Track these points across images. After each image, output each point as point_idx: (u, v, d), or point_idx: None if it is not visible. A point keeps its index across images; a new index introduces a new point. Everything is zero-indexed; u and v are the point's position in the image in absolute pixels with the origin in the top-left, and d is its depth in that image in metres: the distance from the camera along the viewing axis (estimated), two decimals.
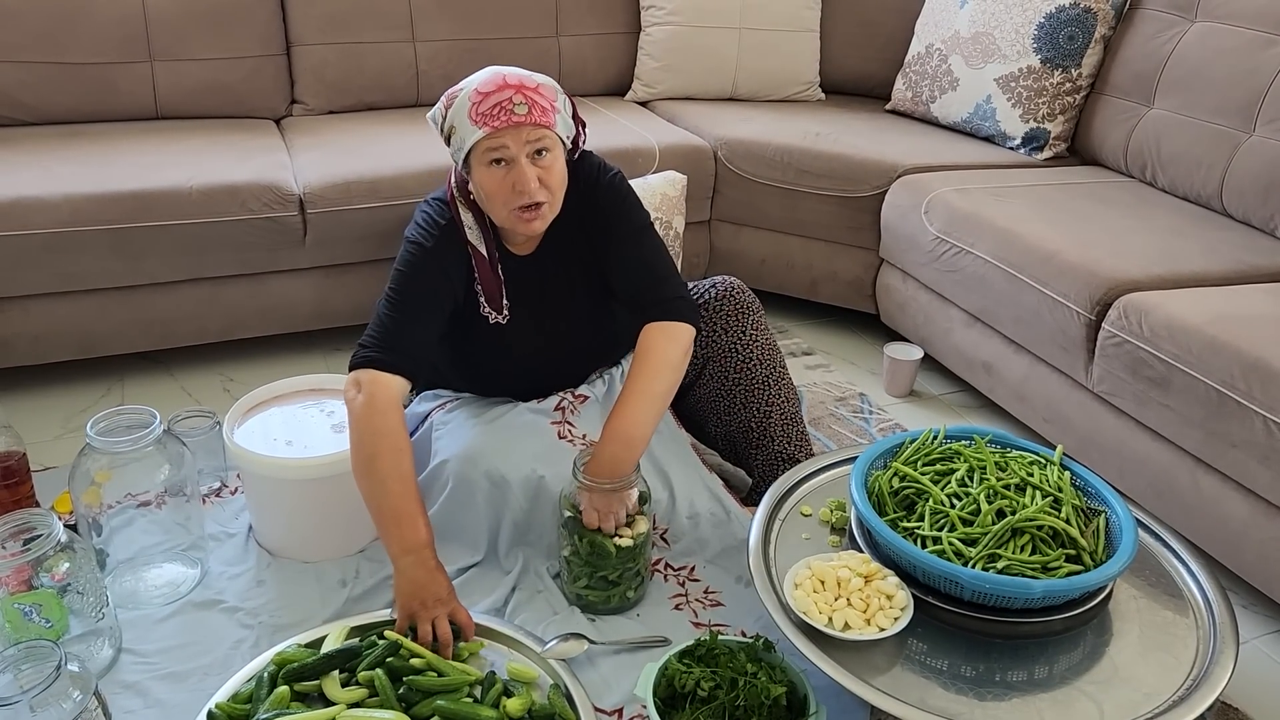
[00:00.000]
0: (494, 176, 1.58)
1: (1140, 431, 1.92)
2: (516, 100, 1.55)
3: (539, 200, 1.59)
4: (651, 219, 1.80)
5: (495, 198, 1.60)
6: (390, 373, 1.60)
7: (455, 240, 1.68)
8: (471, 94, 1.57)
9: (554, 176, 1.61)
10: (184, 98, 2.65)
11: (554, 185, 1.61)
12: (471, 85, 1.58)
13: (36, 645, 1.29)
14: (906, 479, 1.55)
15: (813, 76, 3.12)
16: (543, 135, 1.58)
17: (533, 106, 1.56)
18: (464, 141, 1.58)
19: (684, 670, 1.41)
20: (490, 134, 1.55)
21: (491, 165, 1.58)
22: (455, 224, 1.69)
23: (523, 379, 1.81)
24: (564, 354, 1.82)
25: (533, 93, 1.57)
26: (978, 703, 1.31)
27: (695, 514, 1.80)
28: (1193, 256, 2.11)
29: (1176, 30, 2.54)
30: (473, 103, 1.56)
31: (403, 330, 1.63)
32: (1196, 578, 1.52)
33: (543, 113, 1.57)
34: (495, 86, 1.56)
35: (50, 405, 2.26)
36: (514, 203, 1.59)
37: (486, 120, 1.55)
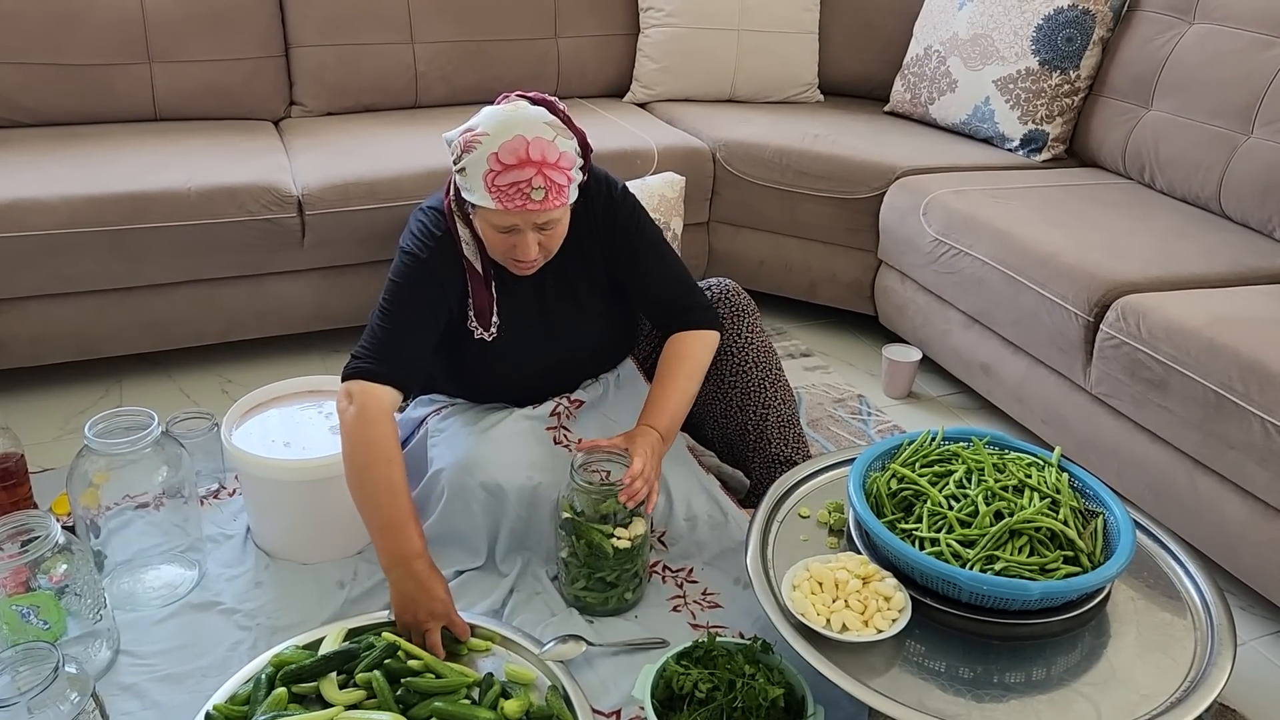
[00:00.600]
0: (496, 235, 1.58)
1: (1138, 433, 1.92)
2: (536, 184, 1.50)
3: (535, 260, 1.60)
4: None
5: (493, 247, 1.62)
6: (382, 384, 1.60)
7: (451, 252, 1.67)
8: (491, 159, 1.50)
9: (554, 240, 1.61)
10: (182, 99, 2.65)
11: (553, 247, 1.62)
12: (493, 145, 1.50)
13: (34, 647, 1.28)
14: (905, 480, 1.55)
15: (811, 78, 3.13)
16: (553, 214, 1.56)
17: (549, 189, 1.51)
18: (472, 193, 1.54)
19: (682, 672, 1.41)
20: (502, 212, 1.53)
21: (495, 229, 1.57)
22: (451, 236, 1.67)
23: (516, 389, 1.80)
24: (558, 364, 1.81)
25: (553, 170, 1.51)
26: (975, 704, 1.31)
27: (693, 516, 1.80)
28: (1191, 258, 2.11)
29: (1175, 32, 2.54)
30: (490, 168, 1.50)
31: (395, 341, 1.63)
32: (1194, 579, 1.52)
33: (558, 194, 1.53)
34: (517, 160, 1.49)
35: (48, 407, 2.26)
36: (510, 255, 1.61)
37: (501, 199, 1.51)
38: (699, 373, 1.76)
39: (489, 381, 1.79)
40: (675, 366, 1.74)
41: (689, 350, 1.76)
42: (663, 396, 1.72)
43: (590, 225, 1.73)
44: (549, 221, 1.56)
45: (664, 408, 1.71)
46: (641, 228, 1.77)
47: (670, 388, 1.73)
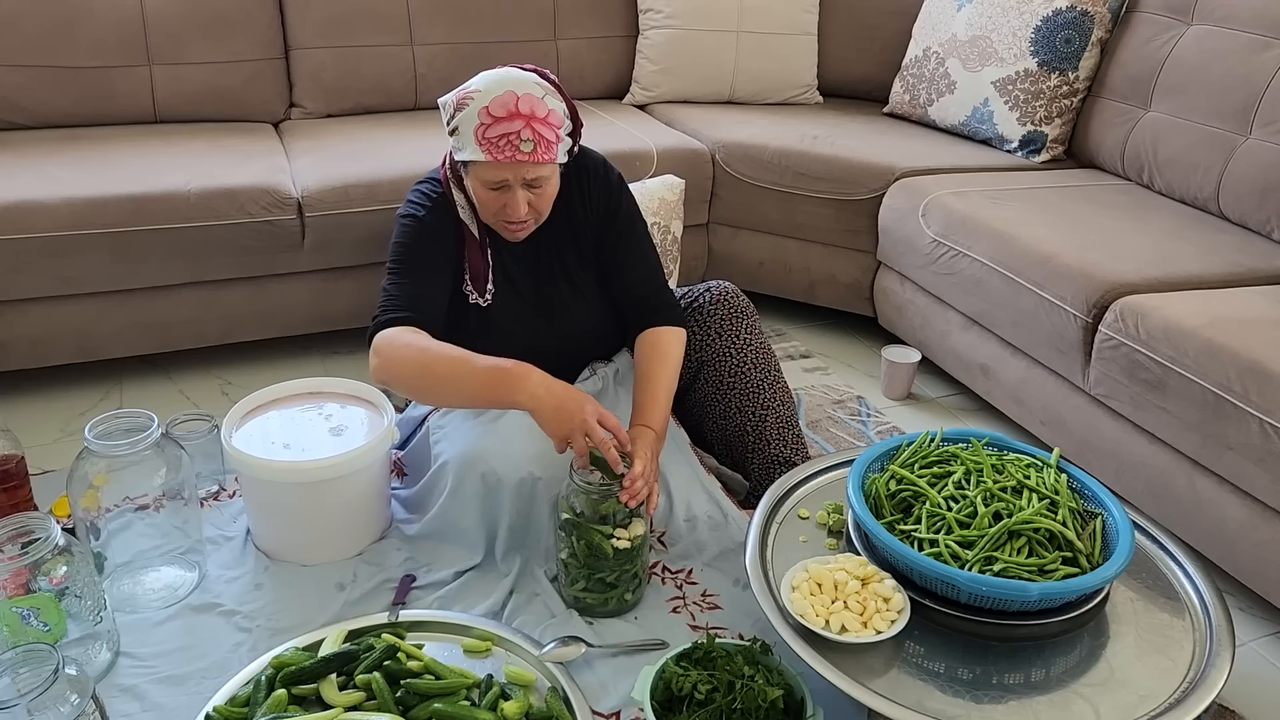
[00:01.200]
0: (487, 194, 1.63)
1: (1137, 434, 1.92)
2: (524, 135, 1.55)
3: (525, 220, 1.65)
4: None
5: (485, 208, 1.67)
6: (406, 325, 1.63)
7: (448, 214, 1.72)
8: (481, 112, 1.56)
9: (544, 201, 1.66)
10: (182, 101, 2.65)
11: (543, 208, 1.67)
12: (484, 100, 1.57)
13: (34, 649, 1.29)
14: (903, 482, 1.56)
15: (810, 80, 3.13)
16: (542, 169, 1.61)
17: (538, 143, 1.57)
18: (463, 150, 1.60)
19: (681, 673, 1.41)
20: (491, 163, 1.58)
21: (486, 186, 1.62)
22: (448, 199, 1.72)
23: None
24: (554, 341, 1.82)
25: (541, 124, 1.57)
26: (975, 705, 1.31)
27: (693, 517, 1.80)
28: (1189, 259, 2.11)
29: (1173, 33, 2.54)
30: (481, 122, 1.56)
31: (408, 292, 1.67)
32: (1193, 580, 1.52)
33: (546, 148, 1.58)
34: (506, 112, 1.55)
35: (48, 409, 2.26)
36: (501, 216, 1.65)
37: (490, 150, 1.56)
38: (679, 368, 1.78)
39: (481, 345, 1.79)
40: (659, 364, 1.75)
41: (667, 346, 1.78)
42: (652, 395, 1.73)
43: (585, 205, 1.78)
44: (538, 178, 1.60)
45: (655, 406, 1.72)
46: (632, 219, 1.83)
47: (658, 385, 1.74)
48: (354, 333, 2.58)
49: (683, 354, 1.80)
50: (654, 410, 1.71)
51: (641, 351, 1.79)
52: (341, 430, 1.78)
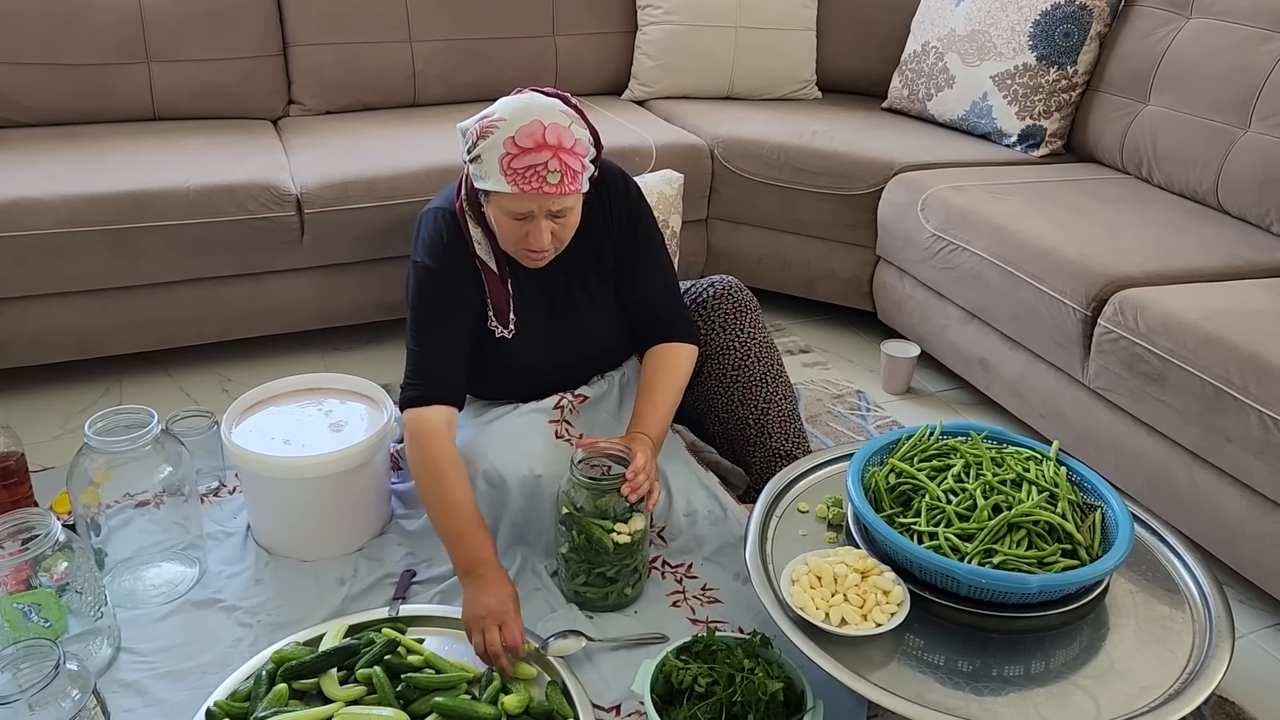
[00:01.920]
0: (510, 224, 1.59)
1: (1136, 427, 1.92)
2: (552, 167, 1.51)
3: (547, 250, 1.62)
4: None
5: (505, 237, 1.63)
6: (428, 405, 1.63)
7: (463, 256, 1.67)
8: (507, 142, 1.51)
9: (567, 230, 1.63)
10: (181, 99, 2.65)
11: (565, 237, 1.64)
12: (509, 130, 1.51)
13: (35, 644, 1.29)
14: (903, 475, 1.56)
15: (809, 75, 3.13)
16: (567, 200, 1.57)
17: (565, 173, 1.52)
18: (486, 179, 1.55)
19: (681, 667, 1.42)
20: (518, 195, 1.53)
21: (509, 216, 1.58)
22: (462, 237, 1.67)
23: (527, 385, 1.81)
24: (570, 361, 1.82)
25: (568, 155, 1.52)
26: (975, 698, 1.31)
27: (692, 511, 1.81)
28: (1188, 252, 2.11)
29: (1172, 27, 2.54)
30: (507, 152, 1.51)
31: (431, 360, 1.66)
32: (1193, 572, 1.52)
33: (573, 179, 1.54)
34: (533, 144, 1.50)
35: (48, 405, 2.26)
36: (523, 246, 1.61)
37: (517, 181, 1.52)
38: (685, 383, 1.79)
39: (503, 377, 1.80)
40: (666, 378, 1.76)
41: (676, 362, 1.78)
42: (654, 405, 1.73)
43: (605, 219, 1.74)
44: (562, 209, 1.57)
45: (655, 418, 1.72)
46: (651, 233, 1.80)
47: (660, 397, 1.74)
48: (353, 329, 2.58)
49: (691, 370, 1.80)
50: (653, 420, 1.71)
51: (650, 363, 1.78)
52: (341, 426, 1.79)
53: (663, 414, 1.73)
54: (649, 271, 1.80)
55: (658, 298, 1.81)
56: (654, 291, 1.81)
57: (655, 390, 1.75)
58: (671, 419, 1.76)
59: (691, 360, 1.80)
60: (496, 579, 1.53)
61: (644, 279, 1.80)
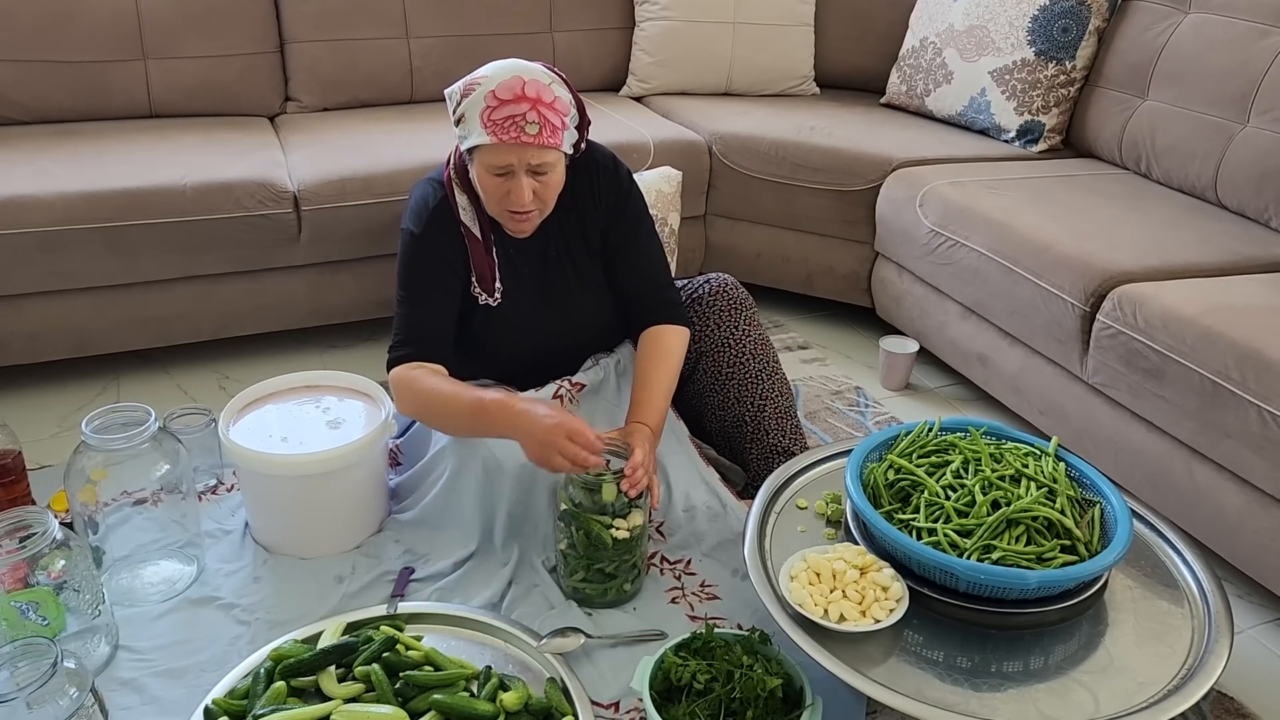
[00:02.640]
0: (491, 180, 1.62)
1: (1135, 422, 1.92)
2: (530, 118, 1.54)
3: (530, 210, 1.64)
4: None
5: (489, 197, 1.65)
6: (416, 361, 1.67)
7: (448, 222, 1.71)
8: (488, 95, 1.55)
9: (549, 190, 1.65)
10: (178, 96, 2.65)
11: (548, 198, 1.66)
12: (490, 84, 1.56)
13: (33, 642, 1.29)
14: (902, 471, 1.56)
15: (807, 71, 3.12)
16: (547, 155, 1.59)
17: (544, 126, 1.55)
18: (469, 137, 1.59)
19: (680, 663, 1.42)
20: (496, 145, 1.56)
21: (491, 172, 1.60)
22: (448, 204, 1.71)
23: (521, 360, 1.81)
24: (562, 335, 1.82)
25: (547, 109, 1.56)
26: (974, 693, 1.31)
27: (691, 507, 1.80)
28: (1187, 247, 2.11)
29: (1170, 22, 2.54)
30: (487, 105, 1.55)
31: (418, 322, 1.69)
32: (1191, 568, 1.52)
33: (552, 133, 1.57)
34: (512, 95, 1.54)
35: (45, 404, 2.26)
36: (505, 205, 1.64)
37: (496, 131, 1.55)
38: (679, 367, 1.79)
39: (494, 351, 1.80)
40: (659, 364, 1.76)
41: (669, 345, 1.78)
42: (650, 393, 1.73)
43: (593, 198, 1.77)
44: (542, 164, 1.59)
45: (652, 404, 1.72)
46: (640, 214, 1.82)
47: (656, 384, 1.74)
48: (351, 326, 2.58)
49: (684, 353, 1.80)
50: (650, 408, 1.71)
51: (643, 349, 1.78)
52: (339, 423, 1.78)
53: (659, 401, 1.73)
54: (637, 252, 1.81)
55: (646, 279, 1.82)
56: (642, 272, 1.82)
57: (649, 377, 1.75)
58: (669, 404, 1.76)
59: (684, 342, 1.80)
60: (531, 405, 1.55)
61: (632, 259, 1.81)
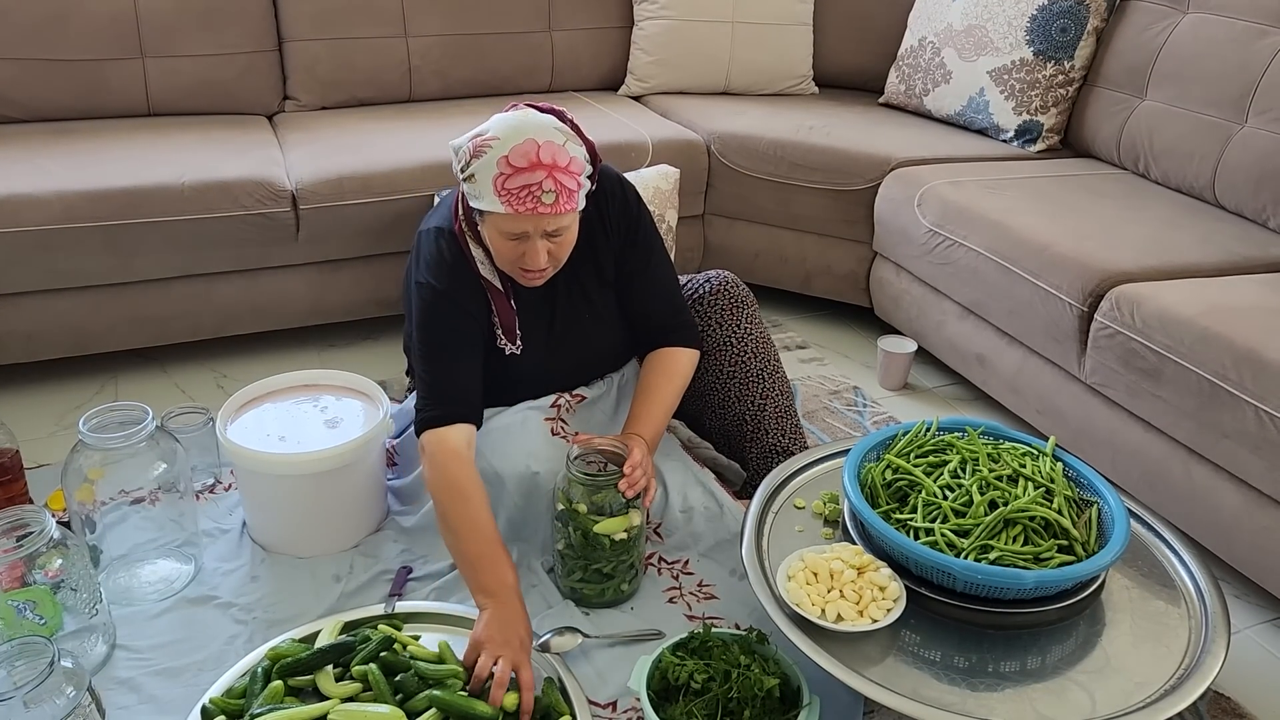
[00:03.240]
0: (505, 243, 1.56)
1: (1133, 422, 1.92)
2: (546, 187, 1.48)
3: (544, 269, 1.59)
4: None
5: (501, 256, 1.60)
6: (446, 425, 1.59)
7: (467, 275, 1.65)
8: (500, 161, 1.49)
9: (564, 249, 1.60)
10: (176, 94, 2.64)
11: (562, 256, 1.61)
12: (503, 149, 1.49)
13: (30, 641, 1.29)
14: (899, 471, 1.56)
15: (806, 70, 3.12)
16: (563, 220, 1.54)
17: (560, 193, 1.50)
18: (480, 199, 1.53)
19: (678, 663, 1.42)
20: (512, 216, 1.51)
21: (505, 236, 1.56)
22: (464, 257, 1.65)
23: (527, 396, 1.79)
24: (570, 370, 1.81)
25: (563, 174, 1.50)
26: (971, 693, 1.31)
27: (689, 508, 1.80)
28: (1185, 248, 2.11)
29: (1169, 22, 2.54)
30: (500, 172, 1.49)
31: (445, 379, 1.62)
32: (1189, 568, 1.52)
33: (568, 198, 1.52)
34: (527, 164, 1.48)
35: (43, 402, 2.26)
36: (520, 265, 1.59)
37: (511, 202, 1.49)
38: (682, 390, 1.78)
39: (506, 390, 1.77)
40: (664, 382, 1.75)
41: (675, 367, 1.77)
42: (650, 407, 1.72)
43: (603, 227, 1.72)
44: (558, 229, 1.55)
45: (650, 421, 1.71)
46: (651, 237, 1.78)
47: (657, 403, 1.73)
48: (349, 325, 2.58)
49: (691, 375, 1.78)
50: (649, 422, 1.70)
51: (651, 366, 1.77)
52: (337, 422, 1.78)
53: (658, 418, 1.73)
54: (650, 279, 1.78)
55: (660, 304, 1.80)
56: (656, 298, 1.79)
57: (653, 393, 1.74)
58: (667, 423, 1.76)
59: (692, 365, 1.79)
60: (519, 612, 1.48)
61: (645, 286, 1.78)
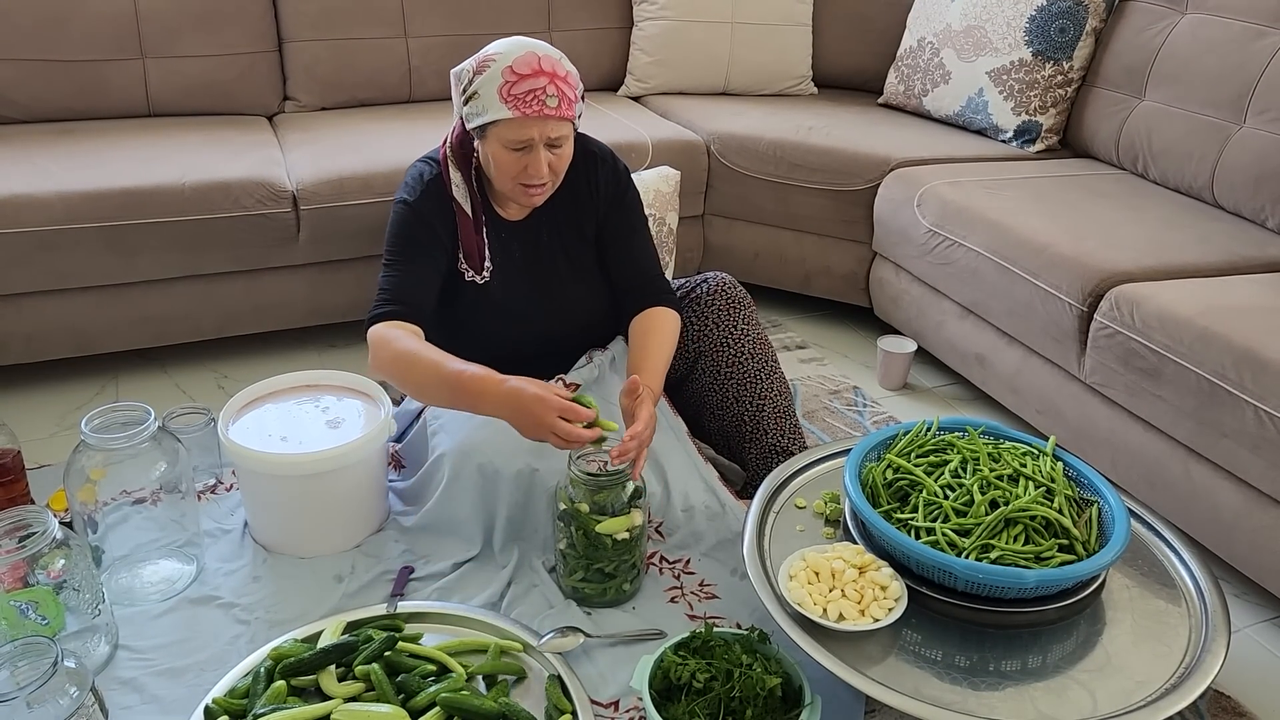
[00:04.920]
0: (508, 155, 1.64)
1: (1132, 422, 1.92)
2: (549, 91, 1.59)
3: (545, 182, 1.67)
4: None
5: (504, 172, 1.67)
6: (394, 320, 1.66)
7: (441, 197, 1.74)
8: (505, 70, 1.59)
9: (562, 162, 1.69)
10: (176, 95, 2.64)
11: (560, 170, 1.70)
12: (506, 60, 1.60)
13: (33, 642, 1.29)
14: (900, 471, 1.56)
15: (805, 71, 3.13)
16: (564, 127, 1.63)
17: (562, 99, 1.60)
18: (485, 113, 1.61)
19: (679, 662, 1.42)
20: (518, 119, 1.59)
21: (509, 146, 1.63)
22: (442, 181, 1.74)
23: (510, 345, 1.81)
24: (552, 321, 1.83)
25: (563, 83, 1.61)
26: (972, 692, 1.31)
27: (690, 507, 1.81)
28: (1184, 248, 2.12)
29: (1167, 22, 2.54)
30: (505, 80, 1.59)
31: (401, 283, 1.70)
32: (1189, 567, 1.53)
33: (569, 105, 1.62)
34: (530, 70, 1.58)
35: (45, 403, 2.26)
36: (521, 179, 1.67)
37: (518, 105, 1.58)
38: (674, 344, 1.79)
39: (483, 334, 1.80)
40: (655, 335, 1.77)
41: (662, 323, 1.80)
42: (648, 355, 1.74)
43: (591, 189, 1.81)
44: (559, 137, 1.64)
45: (654, 370, 1.72)
46: (636, 206, 1.87)
47: (653, 351, 1.75)
48: (350, 326, 2.58)
49: (678, 334, 1.81)
50: (650, 374, 1.71)
51: (638, 327, 1.80)
52: (338, 423, 1.78)
53: (659, 363, 1.74)
54: (632, 243, 1.85)
55: (641, 268, 1.85)
56: (637, 262, 1.85)
57: (646, 345, 1.75)
58: (666, 368, 1.76)
59: (677, 325, 1.81)
60: (519, 384, 1.53)
61: (628, 248, 1.85)
